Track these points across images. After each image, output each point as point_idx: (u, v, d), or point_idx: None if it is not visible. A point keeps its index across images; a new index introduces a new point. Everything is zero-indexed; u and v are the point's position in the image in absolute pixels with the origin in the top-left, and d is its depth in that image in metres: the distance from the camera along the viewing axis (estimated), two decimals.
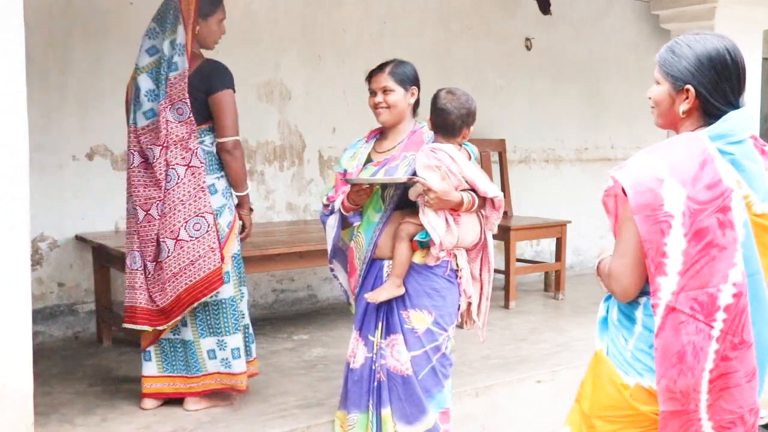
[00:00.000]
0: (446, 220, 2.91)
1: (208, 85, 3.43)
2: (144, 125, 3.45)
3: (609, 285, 2.01)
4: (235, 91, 3.50)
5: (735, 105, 1.95)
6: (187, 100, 3.39)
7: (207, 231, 3.40)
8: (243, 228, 3.66)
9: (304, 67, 5.61)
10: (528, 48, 6.73)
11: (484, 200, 3.00)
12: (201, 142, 3.46)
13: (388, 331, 3.04)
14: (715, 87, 1.92)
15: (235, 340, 3.52)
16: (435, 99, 3.01)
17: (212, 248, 3.40)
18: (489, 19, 6.48)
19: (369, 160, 3.13)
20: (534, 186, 6.76)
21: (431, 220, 2.89)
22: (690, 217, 1.81)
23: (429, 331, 2.99)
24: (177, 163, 3.41)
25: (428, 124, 3.06)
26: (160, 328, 3.49)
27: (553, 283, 6.03)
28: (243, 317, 3.64)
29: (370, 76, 3.12)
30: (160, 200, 3.43)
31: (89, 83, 4.75)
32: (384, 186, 3.03)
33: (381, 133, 3.20)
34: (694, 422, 1.88)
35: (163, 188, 3.42)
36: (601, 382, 2.05)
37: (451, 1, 6.27)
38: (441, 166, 2.87)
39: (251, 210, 3.70)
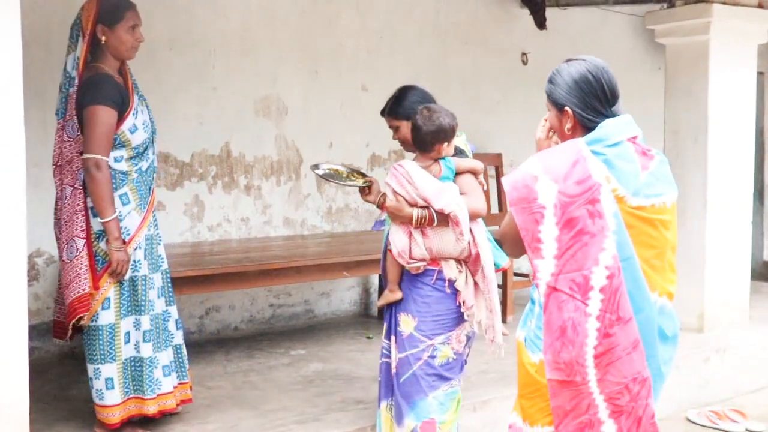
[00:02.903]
0: (410, 233, 3.06)
1: (80, 100, 3.29)
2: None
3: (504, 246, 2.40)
4: (109, 106, 3.23)
5: (607, 115, 2.26)
6: (75, 118, 3.32)
7: (76, 256, 3.28)
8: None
9: (301, 82, 5.63)
10: (524, 63, 6.76)
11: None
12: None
13: (393, 332, 3.22)
14: (584, 104, 2.25)
15: (109, 370, 3.32)
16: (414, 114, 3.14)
17: (79, 274, 3.26)
18: (485, 33, 6.52)
19: None
20: None
21: (392, 233, 3.12)
22: (561, 209, 2.08)
23: (411, 336, 3.10)
24: (68, 183, 3.35)
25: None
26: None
27: None
28: (172, 337, 3.53)
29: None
30: (59, 219, 3.39)
31: None
32: None
33: None
34: (585, 395, 2.11)
35: (59, 207, 3.39)
36: (521, 366, 2.32)
37: (448, 15, 6.30)
38: (390, 184, 3.06)
39: (123, 242, 3.28)
